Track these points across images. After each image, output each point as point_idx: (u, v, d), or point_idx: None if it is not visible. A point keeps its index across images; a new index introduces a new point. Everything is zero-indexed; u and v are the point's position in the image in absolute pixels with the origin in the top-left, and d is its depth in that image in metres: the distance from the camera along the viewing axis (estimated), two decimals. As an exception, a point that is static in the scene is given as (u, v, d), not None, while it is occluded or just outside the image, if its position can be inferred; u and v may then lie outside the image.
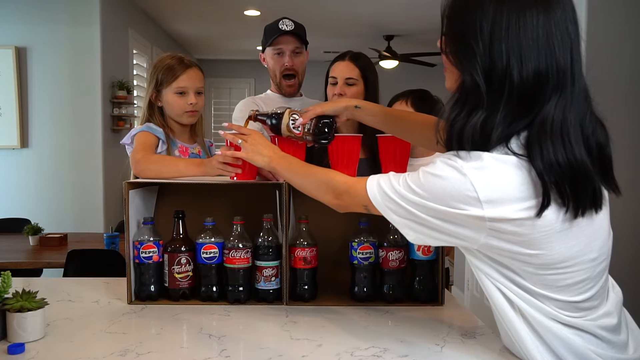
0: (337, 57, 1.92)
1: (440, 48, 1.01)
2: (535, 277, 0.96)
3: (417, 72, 7.37)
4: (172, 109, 1.79)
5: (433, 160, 0.98)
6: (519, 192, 0.90)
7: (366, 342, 1.16)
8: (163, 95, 1.78)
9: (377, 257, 1.45)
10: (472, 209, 0.91)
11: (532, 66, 0.89)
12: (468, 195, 0.91)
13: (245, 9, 5.36)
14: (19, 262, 2.71)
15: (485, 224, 0.92)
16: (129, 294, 1.44)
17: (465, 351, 1.12)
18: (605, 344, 0.99)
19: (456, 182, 0.92)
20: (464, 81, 0.94)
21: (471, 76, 0.92)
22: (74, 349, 1.11)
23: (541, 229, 0.91)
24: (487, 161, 0.91)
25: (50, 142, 4.24)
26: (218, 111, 8.32)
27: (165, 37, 6.43)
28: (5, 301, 1.15)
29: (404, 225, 1.02)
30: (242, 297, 1.43)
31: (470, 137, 0.92)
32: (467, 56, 0.93)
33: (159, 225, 1.50)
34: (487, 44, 0.90)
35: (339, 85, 1.84)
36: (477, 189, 0.90)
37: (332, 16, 5.62)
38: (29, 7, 4.17)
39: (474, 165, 0.91)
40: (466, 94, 0.94)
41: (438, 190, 0.94)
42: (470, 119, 0.92)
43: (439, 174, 0.94)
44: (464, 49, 0.94)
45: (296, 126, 1.34)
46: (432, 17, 6.24)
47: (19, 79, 4.16)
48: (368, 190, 1.06)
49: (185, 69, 1.77)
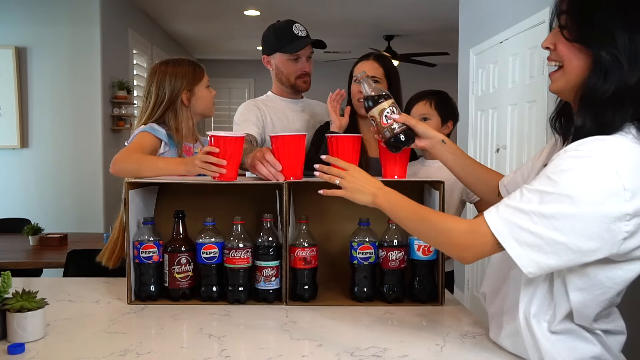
0: (361, 57, 1.97)
1: (565, 37, 0.97)
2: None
3: (417, 72, 7.37)
4: (205, 103, 1.86)
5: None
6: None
7: (366, 342, 1.16)
8: (196, 92, 1.83)
9: (377, 257, 1.45)
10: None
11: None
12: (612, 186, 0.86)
13: (245, 9, 5.36)
14: (19, 262, 2.71)
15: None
16: (129, 294, 1.44)
17: (465, 351, 1.12)
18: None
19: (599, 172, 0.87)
20: (600, 59, 0.92)
21: (608, 51, 0.91)
22: (74, 349, 1.11)
23: None
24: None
25: (50, 142, 4.24)
26: (218, 111, 8.31)
27: (165, 37, 6.43)
28: (5, 301, 1.15)
29: (528, 259, 0.92)
30: (242, 297, 1.43)
31: (628, 103, 0.91)
32: (601, 36, 0.92)
33: (159, 225, 1.50)
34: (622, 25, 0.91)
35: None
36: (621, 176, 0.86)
37: (332, 16, 5.62)
38: (29, 7, 4.17)
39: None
40: (605, 69, 0.92)
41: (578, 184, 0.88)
42: (616, 85, 0.91)
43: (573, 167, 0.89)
44: (599, 31, 0.93)
45: (389, 117, 1.31)
46: (432, 17, 6.23)
47: (19, 79, 4.16)
48: (490, 224, 0.95)
49: (202, 66, 1.89)
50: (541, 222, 0.90)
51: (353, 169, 1.23)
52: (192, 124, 1.86)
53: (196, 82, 1.83)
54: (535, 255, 0.91)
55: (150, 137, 1.74)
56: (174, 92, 1.80)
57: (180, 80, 1.80)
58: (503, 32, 3.46)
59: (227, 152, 1.40)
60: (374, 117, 1.33)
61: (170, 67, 1.82)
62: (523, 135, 3.20)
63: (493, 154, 3.67)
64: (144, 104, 1.84)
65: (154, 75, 1.81)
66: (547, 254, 0.90)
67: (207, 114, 1.90)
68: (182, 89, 1.80)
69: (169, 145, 1.77)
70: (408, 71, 7.74)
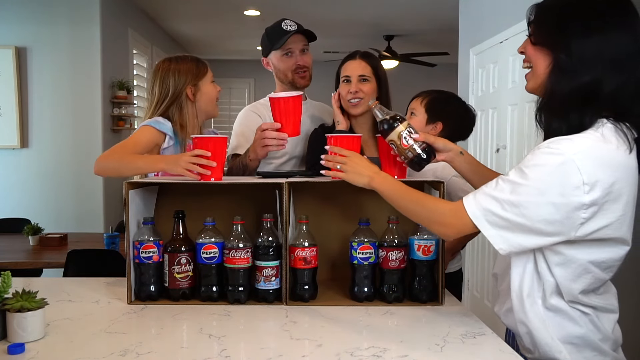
0: (346, 57, 1.93)
1: (531, 41, 1.12)
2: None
3: (417, 72, 7.37)
4: (209, 98, 1.86)
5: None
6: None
7: (366, 342, 1.16)
8: (201, 86, 1.83)
9: (377, 257, 1.45)
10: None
11: (621, 50, 1.03)
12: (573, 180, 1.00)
13: (245, 9, 5.36)
14: (19, 262, 2.71)
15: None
16: (129, 294, 1.44)
17: (465, 351, 1.12)
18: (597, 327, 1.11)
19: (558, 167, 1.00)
20: (558, 61, 1.07)
21: (565, 53, 1.05)
22: (74, 349, 1.11)
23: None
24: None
25: (50, 142, 4.24)
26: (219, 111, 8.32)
27: (165, 37, 6.43)
28: (5, 301, 1.15)
29: (499, 237, 1.08)
30: (242, 297, 1.43)
31: (578, 103, 1.04)
32: (559, 40, 1.06)
33: (159, 225, 1.50)
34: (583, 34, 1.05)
35: (354, 82, 1.84)
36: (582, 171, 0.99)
37: (332, 16, 5.62)
38: (29, 7, 4.17)
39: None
40: (562, 69, 1.06)
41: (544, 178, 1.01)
42: (572, 82, 1.04)
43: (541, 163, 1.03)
44: (556, 36, 1.07)
45: (408, 138, 1.36)
46: (432, 17, 6.23)
47: (19, 79, 4.17)
48: (467, 208, 1.10)
49: (204, 62, 1.89)
50: (510, 209, 1.05)
51: (354, 156, 1.35)
52: (197, 122, 1.86)
53: (200, 77, 1.82)
54: (505, 234, 1.07)
55: (152, 131, 1.73)
56: (177, 87, 1.80)
57: (184, 76, 1.80)
58: (503, 32, 3.46)
59: (212, 153, 1.42)
60: (393, 141, 1.38)
61: (173, 64, 1.82)
62: (523, 135, 3.20)
63: (493, 154, 3.67)
64: (147, 102, 1.85)
65: (157, 72, 1.82)
66: (515, 234, 1.06)
67: (211, 113, 1.89)
68: (187, 84, 1.80)
69: (174, 140, 1.77)
70: (408, 71, 7.76)
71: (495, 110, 3.63)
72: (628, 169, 1.03)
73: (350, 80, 1.85)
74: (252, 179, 1.56)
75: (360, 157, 1.35)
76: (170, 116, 1.79)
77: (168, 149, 1.77)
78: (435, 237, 1.43)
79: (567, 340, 1.11)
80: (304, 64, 2.01)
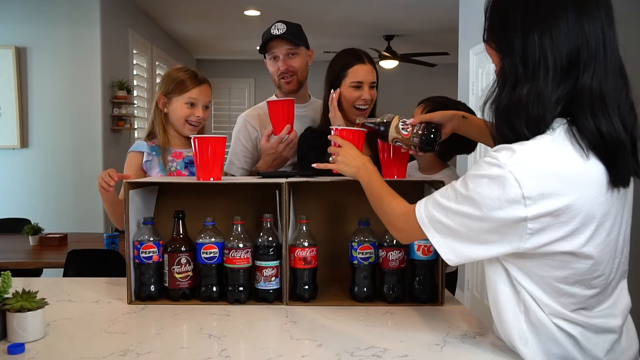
0: (350, 58, 1.85)
1: (483, 39, 1.06)
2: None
3: (417, 72, 7.37)
4: (177, 118, 1.85)
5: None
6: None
7: (366, 342, 1.16)
8: (172, 102, 1.84)
9: (377, 257, 1.45)
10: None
11: (565, 50, 0.93)
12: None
13: (245, 9, 5.36)
14: (19, 262, 2.71)
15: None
16: (129, 294, 1.44)
17: (465, 351, 1.12)
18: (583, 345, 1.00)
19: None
20: (504, 65, 0.99)
21: (510, 60, 0.97)
22: (74, 349, 1.11)
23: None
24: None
25: (50, 142, 4.24)
26: (218, 111, 8.32)
27: (165, 37, 6.43)
28: (5, 301, 1.15)
29: (446, 246, 1.02)
30: (242, 297, 1.43)
31: (523, 110, 0.95)
32: (505, 44, 0.99)
33: (159, 225, 1.50)
34: (522, 34, 0.96)
35: (366, 90, 1.81)
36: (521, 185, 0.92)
37: (332, 16, 5.62)
38: (29, 7, 4.17)
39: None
40: (506, 76, 0.98)
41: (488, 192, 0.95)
42: (514, 93, 0.96)
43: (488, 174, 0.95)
44: (503, 38, 1.00)
45: (405, 127, 1.37)
46: (432, 17, 6.22)
47: (19, 79, 4.17)
48: (416, 214, 1.06)
49: (199, 84, 1.85)
50: (454, 218, 1.00)
51: (347, 146, 1.34)
52: (176, 131, 1.90)
53: (176, 91, 1.82)
54: (452, 244, 1.02)
55: (133, 156, 1.85)
56: (156, 95, 1.89)
57: (165, 85, 1.85)
58: (503, 32, 3.46)
59: (212, 152, 1.43)
60: (396, 138, 1.39)
61: (171, 71, 1.89)
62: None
63: (493, 154, 3.67)
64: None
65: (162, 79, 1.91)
66: (462, 244, 1.00)
67: (180, 131, 1.86)
68: (161, 92, 1.85)
69: (152, 155, 1.84)
70: (408, 71, 7.76)
71: (495, 110, 3.62)
72: (585, 176, 0.92)
73: (362, 86, 1.81)
74: (252, 179, 1.56)
75: (352, 148, 1.34)
76: (155, 127, 1.87)
77: (150, 161, 1.84)
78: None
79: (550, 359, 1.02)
80: (286, 69, 1.97)
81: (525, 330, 1.02)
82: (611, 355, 1.02)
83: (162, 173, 1.82)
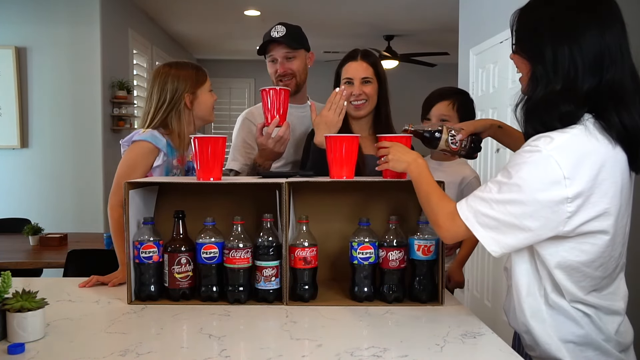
0: (347, 56, 1.89)
1: (513, 51, 1.18)
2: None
3: (417, 72, 7.37)
4: (206, 107, 1.83)
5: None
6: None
7: (366, 342, 1.16)
8: (199, 96, 1.80)
9: (377, 257, 1.45)
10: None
11: (591, 56, 1.06)
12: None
13: (245, 9, 5.36)
14: (19, 262, 2.71)
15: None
16: (129, 294, 1.44)
17: (465, 351, 1.12)
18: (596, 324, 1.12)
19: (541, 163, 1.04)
20: (535, 72, 1.11)
21: (542, 67, 1.10)
22: (74, 349, 1.11)
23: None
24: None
25: (50, 142, 4.24)
26: (218, 111, 8.26)
27: (165, 37, 6.43)
28: (5, 301, 1.15)
29: (490, 239, 1.10)
30: (242, 297, 1.43)
31: (555, 107, 1.07)
32: (537, 54, 1.11)
33: (159, 225, 1.50)
34: (552, 46, 1.09)
35: (357, 85, 1.82)
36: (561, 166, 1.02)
37: (332, 16, 5.61)
38: (29, 7, 4.17)
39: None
40: (538, 81, 1.10)
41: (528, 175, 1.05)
42: (546, 93, 1.08)
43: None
44: (534, 50, 1.12)
45: (455, 142, 1.50)
46: (432, 17, 6.21)
47: (19, 79, 4.16)
48: (459, 212, 1.14)
49: (204, 70, 1.87)
50: (498, 208, 1.08)
51: (395, 146, 1.41)
52: (194, 129, 1.83)
53: (199, 85, 1.79)
54: (495, 236, 1.10)
55: (149, 147, 1.69)
56: (176, 94, 1.76)
57: (183, 83, 1.76)
58: (503, 32, 3.46)
59: (212, 152, 1.42)
60: (444, 150, 1.53)
61: (173, 70, 1.78)
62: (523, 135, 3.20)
63: (493, 154, 3.67)
64: (145, 106, 1.80)
65: (157, 77, 1.78)
66: (505, 235, 1.09)
67: (208, 119, 1.86)
68: (185, 91, 1.76)
69: (167, 155, 1.73)
70: (408, 71, 7.76)
71: (495, 110, 3.63)
72: (613, 161, 1.05)
73: (353, 82, 1.83)
74: (252, 179, 1.56)
75: (401, 146, 1.41)
76: (169, 124, 1.75)
77: (160, 166, 1.72)
78: (435, 237, 1.43)
79: (568, 340, 1.11)
80: (284, 72, 1.99)
81: (544, 312, 1.12)
82: (618, 336, 1.14)
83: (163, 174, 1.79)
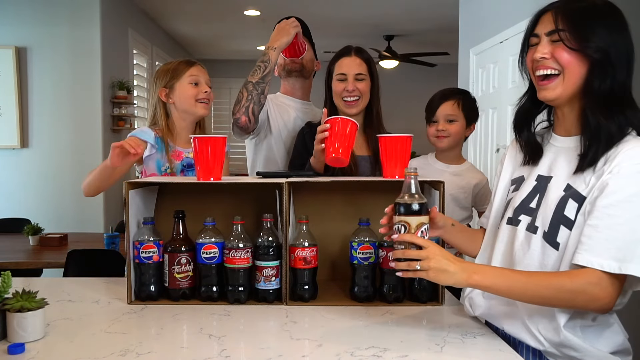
0: (339, 52, 1.90)
1: (569, 47, 1.10)
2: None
3: (417, 72, 7.37)
4: (186, 100, 1.81)
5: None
6: None
7: (366, 342, 1.16)
8: (176, 89, 1.81)
9: (377, 257, 1.45)
10: None
11: (630, 53, 1.11)
12: None
13: (245, 9, 5.36)
14: (19, 262, 2.71)
15: None
16: (129, 294, 1.44)
17: (465, 351, 1.12)
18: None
19: None
20: (595, 63, 1.08)
21: (602, 55, 1.08)
22: (74, 349, 1.11)
23: None
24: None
25: (50, 142, 4.24)
26: (218, 111, 8.31)
27: (165, 37, 6.43)
28: (5, 301, 1.15)
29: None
30: (242, 297, 1.43)
31: (619, 94, 1.08)
32: (596, 44, 1.09)
33: (159, 225, 1.50)
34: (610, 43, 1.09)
35: (350, 81, 1.82)
36: None
37: (332, 16, 5.62)
38: (29, 7, 4.17)
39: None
40: (601, 70, 1.08)
41: None
42: (613, 81, 1.08)
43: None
44: (590, 40, 1.09)
45: (425, 233, 1.14)
46: (432, 17, 6.22)
47: (19, 79, 4.17)
48: (606, 267, 1.01)
49: (194, 63, 1.86)
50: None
51: (432, 247, 1.09)
52: (186, 123, 1.85)
53: (176, 78, 1.81)
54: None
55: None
56: (155, 91, 1.85)
57: (160, 79, 1.83)
58: (503, 32, 3.46)
59: (212, 152, 1.43)
60: (407, 224, 1.13)
61: (161, 67, 1.87)
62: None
63: (493, 154, 3.68)
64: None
65: (153, 77, 1.87)
66: None
67: (192, 111, 1.82)
68: (158, 87, 1.82)
69: (156, 148, 1.79)
70: (408, 71, 7.76)
71: (495, 110, 3.63)
72: None
73: (346, 78, 1.83)
74: (252, 178, 1.56)
75: (439, 248, 1.10)
76: (158, 121, 1.83)
77: (150, 156, 1.78)
78: (435, 237, 1.41)
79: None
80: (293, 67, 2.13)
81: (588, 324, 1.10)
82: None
83: (156, 172, 1.81)
